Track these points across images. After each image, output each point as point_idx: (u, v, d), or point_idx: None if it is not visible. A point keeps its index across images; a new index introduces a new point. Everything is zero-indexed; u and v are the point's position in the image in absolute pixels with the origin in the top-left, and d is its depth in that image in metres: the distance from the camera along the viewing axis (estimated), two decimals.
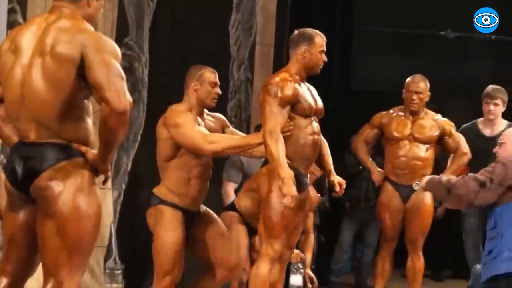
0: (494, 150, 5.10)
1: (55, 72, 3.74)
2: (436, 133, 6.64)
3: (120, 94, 3.65)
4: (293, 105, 5.32)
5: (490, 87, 7.11)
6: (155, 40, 7.54)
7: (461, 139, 6.73)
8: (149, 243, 7.64)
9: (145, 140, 7.49)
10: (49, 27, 3.82)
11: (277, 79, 5.38)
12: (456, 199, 4.87)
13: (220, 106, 8.31)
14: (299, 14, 9.09)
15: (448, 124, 6.77)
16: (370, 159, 7.01)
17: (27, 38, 3.83)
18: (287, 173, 5.09)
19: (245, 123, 8.62)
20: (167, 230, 5.41)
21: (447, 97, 11.16)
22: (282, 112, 5.23)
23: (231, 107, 8.44)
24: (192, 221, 5.49)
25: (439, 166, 7.20)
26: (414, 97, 6.55)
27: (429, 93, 6.64)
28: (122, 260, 7.35)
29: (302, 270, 6.08)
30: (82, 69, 3.72)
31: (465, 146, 6.62)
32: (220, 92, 5.70)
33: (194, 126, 5.40)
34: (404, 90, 6.66)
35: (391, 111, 6.81)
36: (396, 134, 6.64)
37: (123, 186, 7.37)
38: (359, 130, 7.26)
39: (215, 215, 5.65)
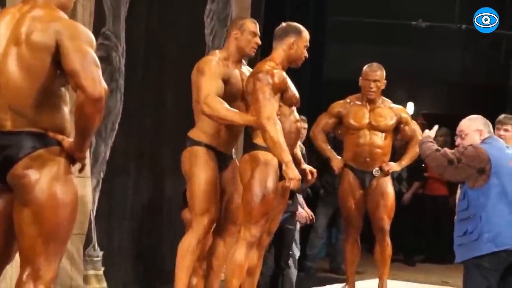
0: (457, 143, 5.24)
1: (31, 60, 3.75)
2: (393, 121, 6.72)
3: (96, 81, 3.66)
4: (282, 93, 5.40)
5: (503, 115, 7.03)
6: (131, 30, 7.58)
7: (417, 127, 6.84)
8: (127, 230, 7.74)
9: (123, 129, 7.54)
10: (23, 16, 3.82)
11: (267, 67, 5.43)
12: (430, 167, 5.30)
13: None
14: (274, 4, 9.17)
15: (405, 112, 6.86)
16: (329, 147, 7.08)
17: (1, 28, 3.84)
18: (290, 157, 5.17)
19: None
20: (202, 170, 5.36)
21: (418, 86, 11.32)
22: (275, 98, 5.30)
23: None
24: (224, 164, 5.48)
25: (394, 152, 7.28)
26: (372, 85, 6.62)
27: (385, 81, 6.69)
28: (101, 247, 7.40)
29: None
30: (57, 56, 3.73)
31: (420, 133, 6.66)
32: (260, 42, 5.69)
33: (214, 80, 5.34)
34: (361, 78, 6.70)
35: (347, 100, 6.88)
36: (354, 123, 6.73)
37: (102, 175, 7.42)
38: (316, 119, 7.31)
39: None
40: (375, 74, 6.62)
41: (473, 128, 5.19)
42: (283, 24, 5.69)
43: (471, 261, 4.98)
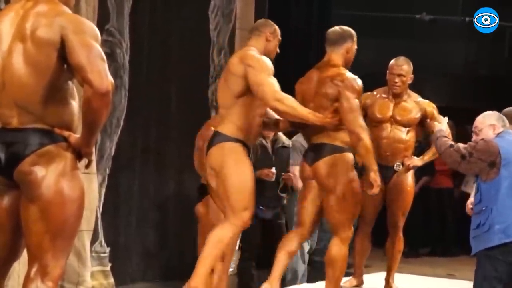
0: (473, 139, 5.31)
1: (36, 56, 3.73)
2: (417, 115, 6.62)
3: (102, 75, 3.65)
4: None
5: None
6: (135, 26, 7.59)
7: (443, 121, 6.72)
8: (133, 226, 7.76)
9: (128, 125, 7.56)
10: (27, 12, 3.80)
11: (348, 74, 5.51)
12: (445, 162, 5.44)
13: (201, 90, 8.43)
14: None
15: (430, 106, 6.74)
16: None
17: (5, 25, 3.82)
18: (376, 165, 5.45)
19: None
20: (245, 166, 5.22)
21: (422, 78, 11.31)
22: None
23: (212, 91, 8.50)
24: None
25: (421, 148, 7.28)
26: (397, 79, 6.50)
27: (412, 75, 6.62)
28: (108, 243, 7.43)
29: None
30: (63, 51, 3.71)
31: (446, 128, 6.63)
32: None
33: (272, 77, 5.26)
34: (387, 72, 6.63)
35: (374, 92, 6.82)
36: (378, 115, 6.67)
37: (107, 171, 7.44)
38: None
39: None
40: (400, 68, 6.50)
41: (487, 123, 5.31)
42: (339, 28, 5.72)
43: (482, 252, 5.07)
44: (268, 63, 5.28)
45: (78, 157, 3.84)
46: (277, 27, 5.49)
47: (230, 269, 6.26)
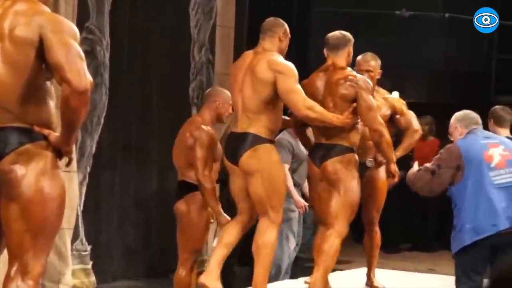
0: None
1: (15, 55, 3.72)
2: (387, 112, 6.60)
3: (81, 74, 3.64)
4: None
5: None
6: (115, 24, 7.58)
7: (412, 117, 6.72)
8: (114, 224, 7.75)
9: (109, 123, 7.54)
10: (5, 11, 3.79)
11: (359, 75, 5.76)
12: (421, 190, 5.48)
13: (181, 87, 8.43)
14: None
15: (400, 102, 6.74)
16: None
17: None
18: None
19: None
20: (279, 165, 5.45)
21: (402, 75, 11.35)
22: None
23: (193, 88, 8.51)
24: None
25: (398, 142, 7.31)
26: (365, 75, 6.47)
27: (380, 70, 6.59)
28: (89, 242, 7.42)
29: None
30: (41, 50, 3.71)
31: (416, 124, 6.64)
32: None
33: (297, 80, 5.42)
34: (355, 68, 6.58)
35: None
36: None
37: (88, 169, 7.43)
38: None
39: None
40: (368, 64, 6.46)
41: (452, 126, 5.44)
42: (338, 33, 5.91)
43: (458, 253, 5.22)
44: (294, 68, 5.42)
45: (58, 156, 3.84)
46: (287, 26, 5.59)
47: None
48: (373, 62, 6.46)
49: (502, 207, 5.16)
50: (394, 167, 5.84)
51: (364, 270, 6.73)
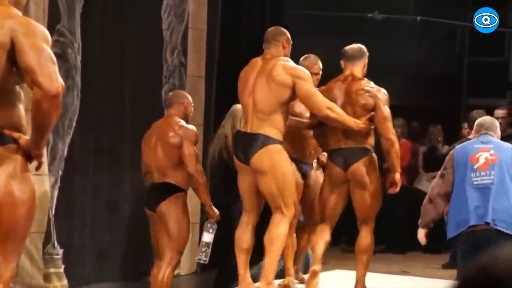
0: None
1: None
2: None
3: (53, 77, 3.64)
4: None
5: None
6: (87, 26, 7.56)
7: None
8: (87, 227, 7.71)
9: (80, 125, 7.51)
10: None
11: (377, 86, 6.11)
12: (439, 194, 5.84)
13: (154, 90, 8.42)
14: None
15: None
16: None
17: None
18: None
19: None
20: (288, 164, 5.73)
21: (375, 77, 11.38)
22: None
23: (165, 91, 8.48)
24: None
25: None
26: (313, 78, 6.46)
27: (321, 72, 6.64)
28: (61, 245, 7.38)
29: (214, 228, 6.27)
30: (13, 54, 3.68)
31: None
32: None
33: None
34: None
35: None
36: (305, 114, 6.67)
37: (60, 172, 7.39)
38: None
39: None
40: (317, 66, 6.51)
41: (473, 130, 6.05)
42: (356, 45, 6.24)
43: (451, 242, 5.86)
44: (309, 74, 5.83)
45: (28, 159, 3.82)
46: (288, 34, 5.94)
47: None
48: (319, 64, 6.53)
49: (475, 205, 5.55)
50: (398, 177, 6.05)
51: (337, 272, 6.75)
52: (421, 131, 11.21)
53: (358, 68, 6.10)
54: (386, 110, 5.97)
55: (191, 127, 6.18)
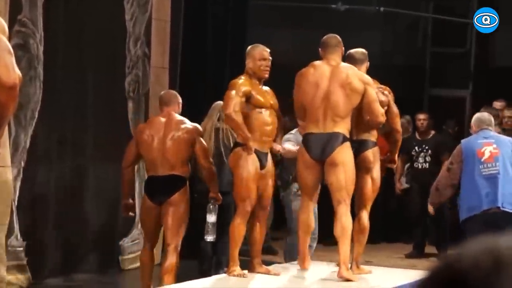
0: None
1: None
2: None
3: (9, 68, 3.60)
4: None
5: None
6: (49, 16, 7.50)
7: None
8: (50, 219, 7.66)
9: (43, 117, 7.46)
10: None
11: (383, 86, 6.78)
12: (445, 186, 6.90)
13: (117, 81, 8.38)
14: None
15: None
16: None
17: None
18: None
19: (143, 98, 8.66)
20: (353, 161, 6.36)
21: None
22: None
23: (129, 82, 8.46)
24: None
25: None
26: (269, 64, 6.45)
27: None
28: (24, 237, 7.33)
29: (217, 210, 6.85)
30: None
31: None
32: None
33: None
34: (254, 58, 6.44)
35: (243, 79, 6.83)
36: (264, 102, 6.73)
37: (22, 163, 7.33)
38: None
39: None
40: (268, 53, 6.53)
41: (472, 125, 7.01)
42: (359, 49, 6.83)
43: (462, 223, 6.78)
44: None
45: None
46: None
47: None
48: (266, 53, 6.55)
49: (486, 192, 6.64)
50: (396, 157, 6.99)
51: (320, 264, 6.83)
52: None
53: (364, 70, 6.64)
54: (395, 107, 6.75)
55: (197, 125, 6.73)
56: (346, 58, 6.58)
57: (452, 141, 9.66)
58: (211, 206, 6.85)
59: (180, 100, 6.72)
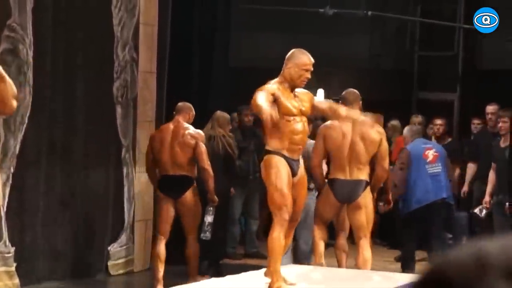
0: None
1: None
2: None
3: (6, 101, 3.68)
4: None
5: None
6: (38, 22, 7.49)
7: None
8: (39, 225, 7.65)
9: (33, 122, 7.44)
10: None
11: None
12: (402, 184, 8.27)
13: (106, 86, 8.37)
14: None
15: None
16: None
17: None
18: None
19: (131, 103, 8.65)
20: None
21: (328, 72, 11.45)
22: None
23: (117, 87, 8.45)
24: None
25: None
26: (309, 75, 6.37)
27: None
28: (13, 243, 7.31)
29: (214, 210, 7.74)
30: None
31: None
32: None
33: None
34: (299, 68, 6.27)
35: (275, 86, 6.76)
36: (293, 109, 6.82)
37: (12, 169, 7.31)
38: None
39: None
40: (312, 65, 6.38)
41: (405, 136, 8.73)
42: (353, 90, 7.31)
43: (406, 215, 8.45)
44: None
45: None
46: None
47: None
48: None
49: (433, 187, 8.27)
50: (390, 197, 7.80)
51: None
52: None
53: (357, 108, 7.12)
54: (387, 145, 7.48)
55: (200, 131, 7.70)
56: (340, 100, 7.12)
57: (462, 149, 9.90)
58: (210, 208, 7.69)
59: (192, 111, 7.69)
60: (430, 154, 8.32)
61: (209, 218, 7.70)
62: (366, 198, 6.96)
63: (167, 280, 7.40)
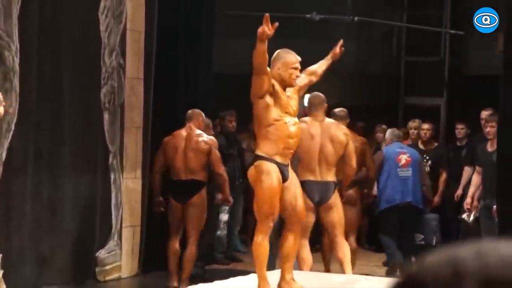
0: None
1: None
2: None
3: None
4: None
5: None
6: (24, 28, 7.48)
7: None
8: (26, 231, 7.63)
9: (19, 129, 7.43)
10: None
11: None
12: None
13: (93, 92, 8.36)
14: (168, 0, 9.15)
15: None
16: None
17: None
18: None
19: (119, 109, 8.65)
20: None
21: None
22: None
23: (104, 93, 8.44)
24: None
25: None
26: (298, 73, 6.40)
27: None
28: (0, 250, 7.29)
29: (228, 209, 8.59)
30: None
31: None
32: None
33: None
34: (286, 67, 6.31)
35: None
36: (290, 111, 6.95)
37: None
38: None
39: None
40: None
41: (386, 139, 9.42)
42: (342, 109, 8.16)
43: (378, 214, 9.15)
44: None
45: None
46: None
47: None
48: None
49: (401, 189, 8.88)
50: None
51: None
52: (367, 131, 11.32)
53: (345, 125, 7.71)
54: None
55: (213, 137, 8.14)
56: (331, 115, 7.65)
57: (448, 154, 9.91)
58: (225, 208, 8.38)
59: (202, 116, 8.09)
60: (403, 158, 8.89)
61: (224, 217, 8.47)
62: (336, 198, 7.22)
63: (156, 284, 7.41)
